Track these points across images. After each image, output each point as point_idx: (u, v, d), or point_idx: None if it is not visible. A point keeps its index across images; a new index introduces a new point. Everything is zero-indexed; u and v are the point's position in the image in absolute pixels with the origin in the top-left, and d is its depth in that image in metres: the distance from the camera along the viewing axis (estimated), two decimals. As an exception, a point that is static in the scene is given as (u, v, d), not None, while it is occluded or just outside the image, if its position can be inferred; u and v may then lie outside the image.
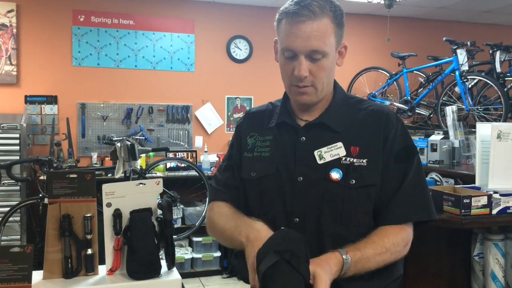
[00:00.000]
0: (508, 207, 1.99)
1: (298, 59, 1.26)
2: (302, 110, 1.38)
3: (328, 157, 1.29)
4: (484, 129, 2.16)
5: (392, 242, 1.25)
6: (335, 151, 1.29)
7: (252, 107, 5.40)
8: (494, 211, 1.97)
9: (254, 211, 1.36)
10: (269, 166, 1.34)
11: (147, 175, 4.10)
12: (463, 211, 1.91)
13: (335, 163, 1.28)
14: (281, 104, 1.42)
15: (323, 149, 1.30)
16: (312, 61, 1.26)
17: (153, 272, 1.37)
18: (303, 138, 1.33)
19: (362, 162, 1.28)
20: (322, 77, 1.28)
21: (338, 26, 1.28)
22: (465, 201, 1.91)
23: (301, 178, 1.29)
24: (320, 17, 1.24)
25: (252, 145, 1.40)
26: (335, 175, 1.27)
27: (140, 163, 4.27)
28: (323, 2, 1.25)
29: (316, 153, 1.30)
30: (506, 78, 4.63)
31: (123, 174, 3.66)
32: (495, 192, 2.00)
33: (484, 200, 1.95)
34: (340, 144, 1.30)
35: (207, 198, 4.42)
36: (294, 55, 1.26)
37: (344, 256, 1.16)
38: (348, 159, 1.28)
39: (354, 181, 1.26)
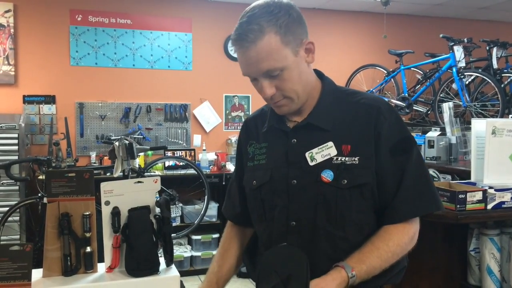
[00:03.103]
0: (503, 202, 2.01)
1: (259, 82, 1.26)
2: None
3: (319, 158, 1.26)
4: (479, 125, 2.18)
5: (397, 244, 1.24)
6: (326, 151, 1.26)
7: (250, 105, 5.43)
8: (489, 206, 1.99)
9: (256, 218, 1.39)
10: (265, 173, 1.34)
11: (145, 173, 4.10)
12: (458, 206, 1.92)
13: (327, 164, 1.25)
14: (270, 108, 1.39)
15: (314, 150, 1.27)
16: (273, 77, 1.24)
17: (152, 269, 1.38)
18: (294, 140, 1.31)
19: (354, 160, 1.25)
20: (290, 87, 1.26)
21: (287, 33, 1.21)
22: (460, 196, 1.93)
23: (295, 181, 1.28)
24: (260, 38, 1.20)
25: (252, 153, 1.41)
26: (327, 176, 1.25)
27: (139, 162, 4.28)
28: (259, 18, 1.22)
29: (307, 154, 1.27)
30: (503, 74, 4.65)
31: (121, 173, 3.67)
32: (490, 187, 2.01)
33: (479, 195, 1.96)
34: (330, 143, 1.27)
35: (206, 196, 4.45)
36: (254, 79, 1.27)
37: (349, 274, 1.16)
38: (339, 158, 1.25)
39: (345, 181, 1.24)
